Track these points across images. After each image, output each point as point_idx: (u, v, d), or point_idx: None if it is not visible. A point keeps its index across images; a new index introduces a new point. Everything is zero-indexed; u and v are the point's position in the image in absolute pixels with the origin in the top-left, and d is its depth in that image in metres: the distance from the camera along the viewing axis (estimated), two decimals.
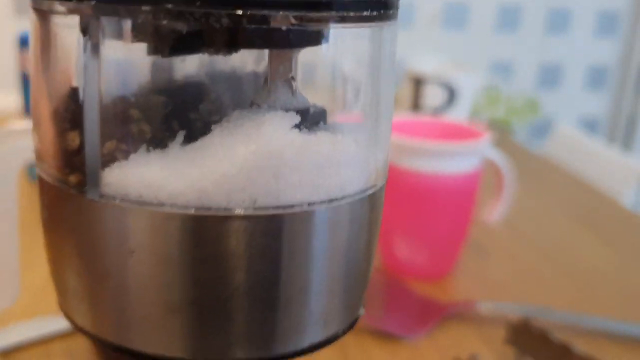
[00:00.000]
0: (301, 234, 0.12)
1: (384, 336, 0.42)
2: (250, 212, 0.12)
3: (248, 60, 0.20)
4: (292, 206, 0.12)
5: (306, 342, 0.13)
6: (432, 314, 0.44)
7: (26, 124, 0.31)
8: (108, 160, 0.14)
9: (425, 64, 0.94)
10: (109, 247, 0.12)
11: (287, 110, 0.15)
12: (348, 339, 0.43)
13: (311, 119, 0.15)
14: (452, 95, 0.89)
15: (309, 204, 0.13)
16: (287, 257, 0.12)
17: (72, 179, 0.14)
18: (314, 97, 0.18)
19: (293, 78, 0.16)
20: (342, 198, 0.13)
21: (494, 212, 0.52)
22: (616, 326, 0.43)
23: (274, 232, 0.12)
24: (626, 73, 1.93)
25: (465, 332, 0.43)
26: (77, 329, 0.13)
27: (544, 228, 0.63)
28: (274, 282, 0.12)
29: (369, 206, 0.14)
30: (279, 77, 0.15)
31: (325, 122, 0.16)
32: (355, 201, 0.13)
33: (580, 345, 0.37)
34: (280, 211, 0.12)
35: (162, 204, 0.12)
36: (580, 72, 1.94)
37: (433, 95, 0.89)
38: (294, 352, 0.13)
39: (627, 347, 0.42)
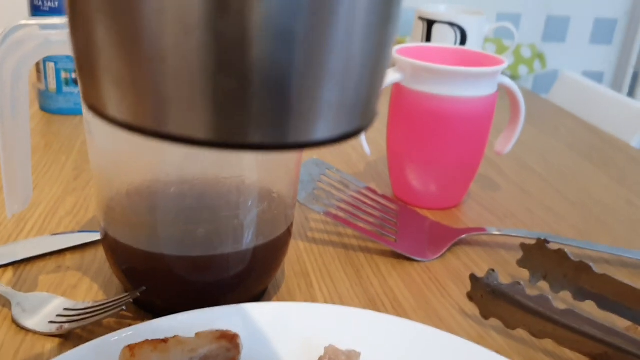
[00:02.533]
0: (322, 10, 0.12)
1: (397, 258, 0.42)
2: None
3: None
4: None
5: (320, 135, 0.13)
6: (444, 239, 0.44)
7: (36, 19, 0.30)
8: None
9: (435, 8, 0.92)
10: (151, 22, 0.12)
11: None
12: (362, 261, 0.43)
13: None
14: (463, 36, 0.87)
15: None
16: (304, 39, 0.12)
17: None
18: None
19: None
20: None
21: (507, 141, 0.51)
22: (623, 253, 0.43)
23: (294, 9, 0.12)
24: (634, 27, 1.89)
25: (477, 256, 0.43)
26: (109, 119, 0.13)
27: (552, 165, 0.63)
28: (289, 65, 0.12)
29: None
30: None
31: None
32: None
33: None
34: None
35: None
36: (587, 26, 1.91)
37: (444, 37, 0.87)
38: (306, 143, 0.13)
39: (637, 273, 0.42)
